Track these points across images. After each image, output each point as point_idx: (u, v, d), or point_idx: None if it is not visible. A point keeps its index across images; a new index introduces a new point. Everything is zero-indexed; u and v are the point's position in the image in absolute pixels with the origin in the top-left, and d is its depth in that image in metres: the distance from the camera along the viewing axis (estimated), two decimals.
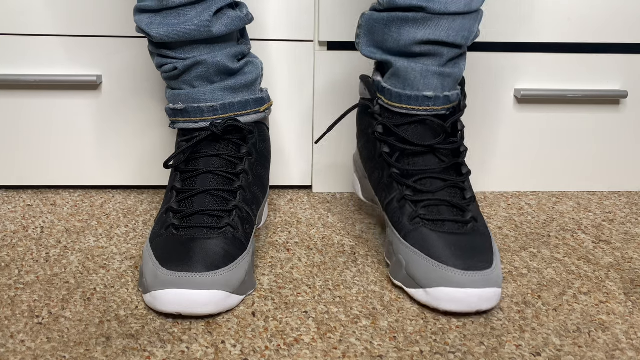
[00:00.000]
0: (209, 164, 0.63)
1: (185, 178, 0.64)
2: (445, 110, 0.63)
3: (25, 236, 0.73)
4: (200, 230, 0.60)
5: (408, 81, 0.62)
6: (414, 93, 0.62)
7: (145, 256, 0.60)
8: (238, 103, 0.65)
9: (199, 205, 0.62)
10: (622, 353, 0.54)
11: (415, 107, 0.62)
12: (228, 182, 0.63)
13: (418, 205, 0.62)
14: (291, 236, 0.74)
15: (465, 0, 0.59)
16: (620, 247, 0.74)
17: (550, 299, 0.62)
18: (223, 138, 0.64)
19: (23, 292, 0.61)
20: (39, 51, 0.79)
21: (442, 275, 0.57)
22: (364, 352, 0.54)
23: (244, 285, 0.59)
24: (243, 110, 0.65)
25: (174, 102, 0.65)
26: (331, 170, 0.86)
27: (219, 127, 0.63)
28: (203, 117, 0.64)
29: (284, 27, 0.80)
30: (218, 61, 0.63)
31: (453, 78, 0.63)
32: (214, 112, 0.64)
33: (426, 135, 0.63)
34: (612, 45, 0.83)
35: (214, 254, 0.58)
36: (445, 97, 0.62)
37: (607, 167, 0.89)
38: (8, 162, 0.83)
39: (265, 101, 0.68)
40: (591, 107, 0.85)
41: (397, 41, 0.61)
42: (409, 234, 0.61)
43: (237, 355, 0.53)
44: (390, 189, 0.64)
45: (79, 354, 0.53)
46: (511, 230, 0.77)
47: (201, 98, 0.64)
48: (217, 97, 0.64)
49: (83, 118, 0.82)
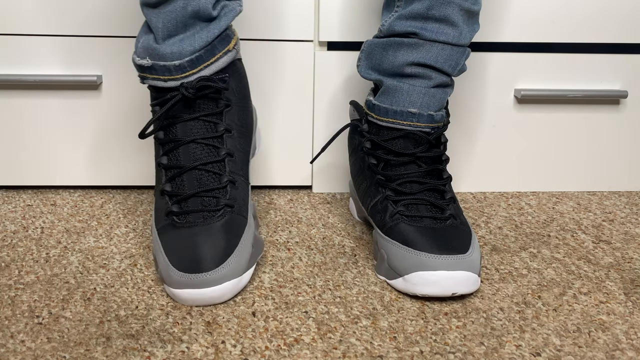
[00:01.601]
0: (189, 131, 0.62)
1: (168, 150, 0.63)
2: (430, 128, 0.67)
3: (25, 236, 0.73)
4: (198, 215, 0.61)
5: (395, 98, 0.67)
6: (399, 108, 0.66)
7: (155, 246, 0.62)
8: (205, 52, 0.62)
9: (190, 187, 0.62)
10: (622, 353, 0.54)
11: (400, 122, 0.67)
12: (214, 151, 0.63)
13: (398, 204, 0.66)
14: (291, 236, 0.74)
15: (454, 33, 0.65)
16: (620, 247, 0.74)
17: (550, 299, 0.62)
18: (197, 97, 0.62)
19: (23, 292, 0.61)
20: (39, 51, 0.79)
21: (417, 261, 0.60)
22: (364, 352, 0.54)
23: (252, 256, 0.62)
24: (212, 58, 0.62)
25: (142, 55, 0.62)
26: (331, 170, 0.86)
27: (190, 88, 0.61)
28: (172, 76, 0.62)
29: (284, 27, 0.80)
30: (199, 1, 0.60)
31: (438, 99, 0.67)
32: (182, 69, 0.61)
33: (410, 146, 0.67)
34: (612, 45, 0.83)
35: (218, 247, 0.59)
36: (429, 116, 0.66)
37: (607, 167, 0.89)
38: (8, 162, 0.83)
39: (231, 38, 0.64)
40: (591, 107, 0.85)
41: (392, 63, 0.67)
42: (389, 229, 0.65)
43: (237, 355, 0.53)
44: (375, 194, 0.68)
45: (79, 354, 0.53)
46: (511, 230, 0.77)
47: (167, 55, 0.61)
48: (185, 53, 0.61)
49: (83, 118, 0.82)
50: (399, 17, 0.66)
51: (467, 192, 0.88)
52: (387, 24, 0.67)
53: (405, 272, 0.61)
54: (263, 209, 0.81)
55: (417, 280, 0.60)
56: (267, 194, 0.86)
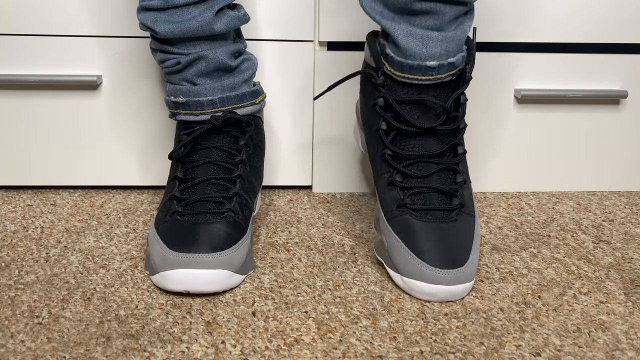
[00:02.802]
0: (209, 155, 0.67)
1: (187, 168, 0.67)
2: (450, 76, 0.61)
3: (25, 236, 0.73)
4: (204, 215, 0.64)
5: (409, 50, 0.60)
6: (416, 62, 0.60)
7: (152, 240, 0.64)
8: (235, 96, 0.68)
9: (201, 193, 0.65)
10: (622, 353, 0.54)
11: (418, 77, 0.61)
12: (228, 171, 0.67)
13: (405, 192, 0.63)
14: (291, 236, 0.74)
15: None
16: (620, 247, 0.74)
17: (550, 299, 0.62)
18: (222, 130, 0.68)
19: (23, 292, 0.61)
20: (39, 51, 0.79)
21: (417, 270, 0.60)
22: (364, 352, 0.54)
23: (245, 266, 0.64)
24: (240, 103, 0.69)
25: (175, 95, 0.69)
26: (331, 170, 0.86)
27: (219, 119, 0.67)
28: (203, 110, 0.68)
29: (284, 27, 0.80)
30: (218, 57, 0.66)
31: (456, 42, 0.60)
32: (213, 105, 0.68)
33: (426, 116, 0.61)
34: (612, 45, 0.83)
35: (218, 237, 0.61)
36: (449, 65, 0.60)
37: (607, 167, 0.89)
38: (8, 162, 0.83)
39: (259, 93, 0.71)
40: (591, 107, 0.85)
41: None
42: (393, 218, 0.64)
43: (237, 355, 0.53)
44: (381, 169, 0.66)
45: (79, 354, 0.53)
46: (511, 230, 0.77)
47: (201, 92, 0.67)
48: (216, 91, 0.68)
49: (83, 118, 0.82)
50: None
51: None
52: None
53: (404, 273, 0.61)
54: (263, 209, 0.81)
55: (414, 287, 0.60)
56: (267, 194, 0.86)
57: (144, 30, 0.67)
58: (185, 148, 0.68)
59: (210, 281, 0.59)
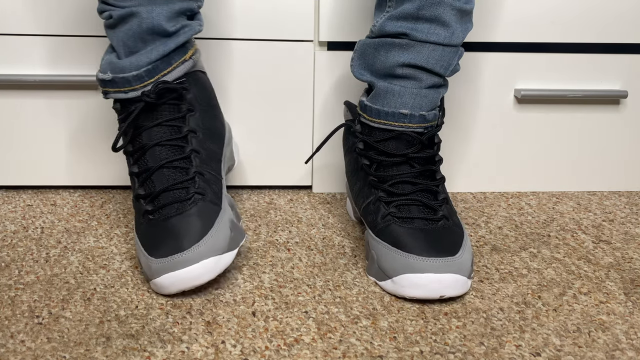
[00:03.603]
0: (153, 136, 0.63)
1: (137, 158, 0.64)
2: (422, 128, 0.67)
3: (25, 236, 0.73)
4: (171, 207, 0.61)
5: (387, 99, 0.66)
6: (391, 110, 0.66)
7: (137, 247, 0.63)
8: (162, 62, 0.63)
9: (160, 183, 0.63)
10: (622, 353, 0.54)
11: (392, 123, 0.66)
12: (179, 150, 0.64)
13: (390, 205, 0.65)
14: (291, 236, 0.74)
15: (445, 34, 0.64)
16: (620, 247, 0.74)
17: (550, 299, 0.62)
18: (158, 104, 0.63)
19: (23, 292, 0.61)
20: (39, 51, 0.79)
21: (405, 263, 0.60)
22: (364, 352, 0.54)
23: (233, 240, 0.61)
24: (168, 67, 0.64)
25: (104, 71, 0.64)
26: (331, 170, 0.86)
27: (150, 94, 0.62)
28: (131, 87, 0.63)
29: (284, 27, 0.80)
30: (153, 18, 0.62)
31: (430, 100, 0.66)
32: (140, 79, 0.63)
33: (402, 147, 0.67)
34: (612, 45, 0.83)
35: (191, 227, 0.59)
36: (420, 116, 0.66)
37: (607, 167, 0.89)
38: (8, 162, 0.83)
39: (188, 49, 0.66)
40: (591, 107, 0.85)
41: (383, 63, 0.66)
42: (380, 230, 0.64)
43: (237, 355, 0.53)
44: (368, 194, 0.68)
45: (79, 354, 0.53)
46: (511, 230, 0.77)
47: (126, 68, 0.63)
48: (142, 64, 0.63)
49: (83, 118, 0.82)
50: (390, 17, 0.65)
51: (467, 192, 0.88)
52: (378, 24, 0.66)
53: (393, 273, 0.61)
54: (263, 209, 0.81)
55: (404, 282, 0.60)
56: (267, 194, 0.86)
57: None
58: (127, 136, 0.63)
59: (198, 275, 0.58)
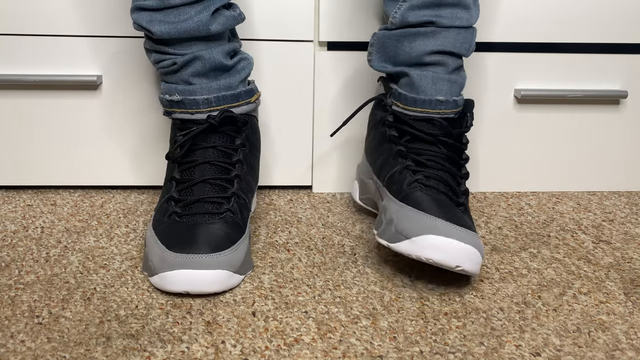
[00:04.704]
0: (206, 155, 0.67)
1: (184, 169, 0.67)
2: (454, 114, 0.69)
3: (25, 236, 0.73)
4: (202, 216, 0.64)
5: (421, 87, 0.68)
6: (427, 97, 0.68)
7: (150, 241, 0.64)
8: (231, 95, 0.68)
9: (199, 194, 0.66)
10: (622, 353, 0.54)
11: (429, 110, 0.68)
12: (225, 171, 0.67)
13: (417, 173, 0.66)
14: (291, 236, 0.74)
15: (467, 16, 0.67)
16: (620, 247, 0.74)
17: (550, 299, 0.62)
18: (218, 130, 0.68)
19: (23, 292, 0.61)
20: (39, 51, 0.79)
21: (430, 225, 0.60)
22: (364, 352, 0.54)
23: (244, 266, 0.64)
24: (235, 102, 0.69)
25: (170, 93, 0.68)
26: (331, 170, 0.86)
27: (215, 118, 0.67)
28: (199, 109, 0.68)
29: (284, 27, 0.80)
30: (214, 57, 0.66)
31: (458, 85, 0.69)
32: (208, 104, 0.67)
33: (433, 129, 0.68)
34: (612, 45, 0.83)
35: (217, 237, 0.62)
36: (454, 102, 0.68)
37: (607, 167, 0.89)
38: (8, 162, 0.83)
39: (254, 92, 0.71)
40: (591, 107, 0.85)
41: (408, 54, 0.68)
42: (406, 196, 0.64)
43: (237, 355, 0.53)
44: (393, 165, 0.69)
45: (79, 354, 0.53)
46: (511, 230, 0.77)
47: (197, 91, 0.67)
48: (212, 91, 0.67)
49: (83, 118, 0.82)
50: (410, 7, 0.66)
51: None
52: (399, 15, 0.67)
53: (414, 234, 0.60)
54: (263, 209, 0.81)
55: (425, 243, 0.59)
56: (267, 194, 0.86)
57: (138, 30, 0.66)
58: (182, 149, 0.68)
59: (210, 282, 0.59)
